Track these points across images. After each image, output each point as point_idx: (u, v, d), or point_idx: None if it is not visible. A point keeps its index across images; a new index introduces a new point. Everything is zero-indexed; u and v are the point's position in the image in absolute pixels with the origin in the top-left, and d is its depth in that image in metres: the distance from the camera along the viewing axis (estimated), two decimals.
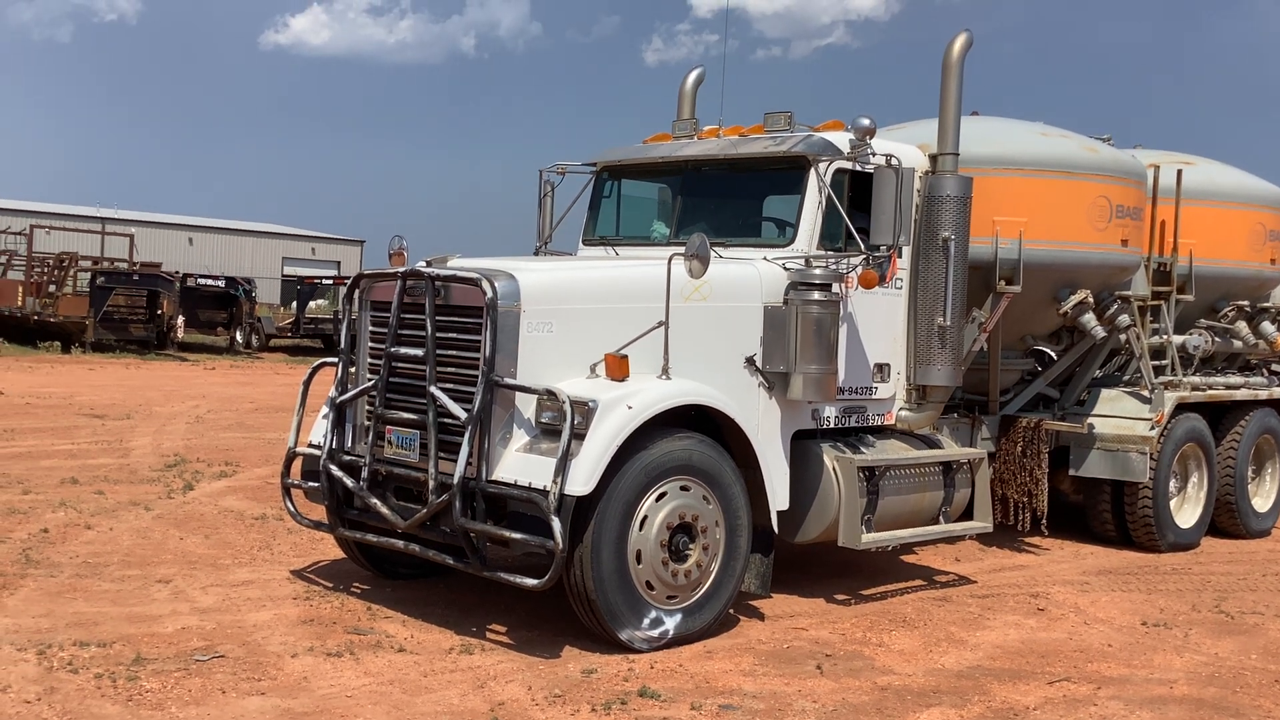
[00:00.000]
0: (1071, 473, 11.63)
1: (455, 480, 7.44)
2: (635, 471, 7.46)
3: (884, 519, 9.11)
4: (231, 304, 39.97)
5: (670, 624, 7.72)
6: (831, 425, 9.03)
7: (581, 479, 7.20)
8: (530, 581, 7.31)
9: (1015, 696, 7.26)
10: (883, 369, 9.30)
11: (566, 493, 7.17)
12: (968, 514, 9.84)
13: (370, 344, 8.39)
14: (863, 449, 9.09)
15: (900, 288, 9.37)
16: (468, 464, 7.47)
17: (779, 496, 8.51)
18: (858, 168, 8.86)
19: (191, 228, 72.87)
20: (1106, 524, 11.80)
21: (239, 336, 39.88)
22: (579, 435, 7.28)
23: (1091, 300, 10.71)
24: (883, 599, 9.47)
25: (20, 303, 36.08)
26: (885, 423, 9.48)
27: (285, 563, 9.57)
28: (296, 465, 8.90)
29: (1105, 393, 11.85)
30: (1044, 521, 11.11)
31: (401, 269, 8.14)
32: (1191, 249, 12.26)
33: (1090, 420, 11.49)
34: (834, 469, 8.77)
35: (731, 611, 8.42)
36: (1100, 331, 10.81)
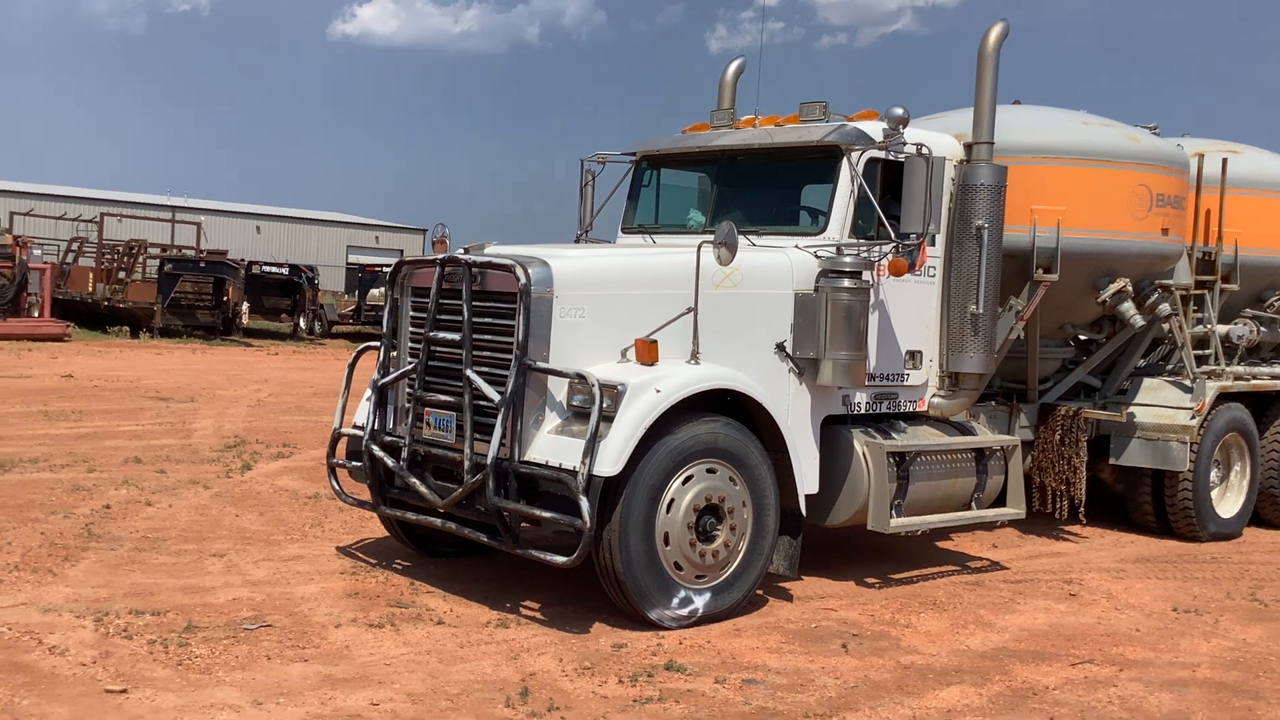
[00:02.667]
0: (1112, 461, 11.65)
1: (489, 460, 7.67)
2: (663, 454, 7.65)
3: (914, 504, 9.23)
4: (295, 291, 40.53)
5: (699, 603, 7.91)
6: (862, 411, 9.16)
7: (610, 460, 7.40)
8: (560, 559, 7.53)
9: (1036, 676, 7.39)
10: (915, 356, 9.41)
11: (595, 473, 7.37)
12: (1001, 501, 9.92)
13: (411, 329, 8.64)
14: (894, 435, 9.21)
15: (934, 276, 9.46)
16: (501, 445, 7.70)
17: (807, 480, 8.66)
18: (890, 157, 8.96)
19: (258, 216, 73.92)
20: (1147, 513, 11.82)
21: (302, 323, 40.43)
22: (608, 418, 7.48)
23: (1130, 289, 10.72)
24: (915, 583, 9.60)
25: (91, 289, 36.94)
26: (918, 409, 9.59)
27: (335, 540, 9.88)
28: (342, 446, 9.17)
29: (1147, 382, 11.86)
30: (1082, 510, 11.16)
31: (441, 256, 8.38)
32: (1237, 238, 12.23)
33: (1131, 409, 11.51)
34: (864, 454, 8.91)
35: (761, 592, 8.62)
36: (1139, 320, 10.83)
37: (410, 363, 8.52)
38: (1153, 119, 11.62)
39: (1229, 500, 12.05)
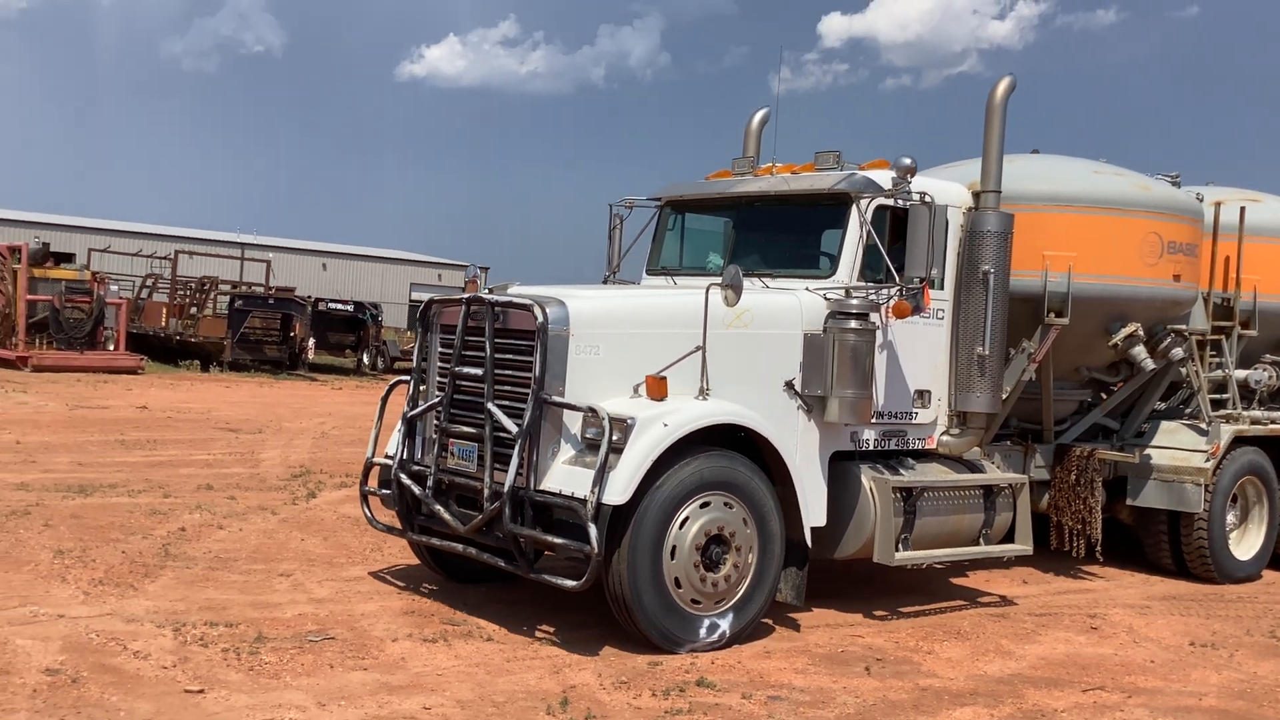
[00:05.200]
0: (1129, 502, 11.89)
1: (506, 489, 8.14)
2: (670, 485, 8.08)
3: (921, 538, 9.57)
4: (359, 328, 41.39)
5: (703, 629, 8.31)
6: (871, 448, 9.53)
7: (618, 490, 7.84)
8: (570, 583, 7.97)
9: (1047, 700, 7.80)
10: (924, 395, 9.77)
11: (604, 502, 7.82)
12: (1010, 537, 10.23)
13: (439, 364, 9.15)
14: (902, 471, 9.57)
15: (942, 318, 9.84)
16: (518, 474, 8.17)
17: (813, 512, 9.04)
18: (899, 204, 9.37)
19: (325, 254, 75.33)
20: (1163, 554, 12.03)
21: (365, 359, 41.30)
22: (617, 450, 7.93)
23: (1142, 333, 11.01)
24: (941, 614, 10.01)
25: (164, 324, 38.19)
26: (927, 447, 9.94)
27: (394, 563, 10.47)
28: (374, 475, 9.70)
29: (1165, 424, 12.11)
30: (1098, 549, 11.41)
31: (467, 296, 8.90)
32: (1256, 284, 12.46)
33: (1147, 451, 11.76)
34: (870, 489, 9.28)
35: (795, 618, 9.26)
36: (1150, 364, 11.10)
37: (437, 396, 9.03)
38: (1222, 164, 11.90)
39: (1247, 543, 12.23)
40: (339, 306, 41.97)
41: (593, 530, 7.74)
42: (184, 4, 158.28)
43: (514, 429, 8.22)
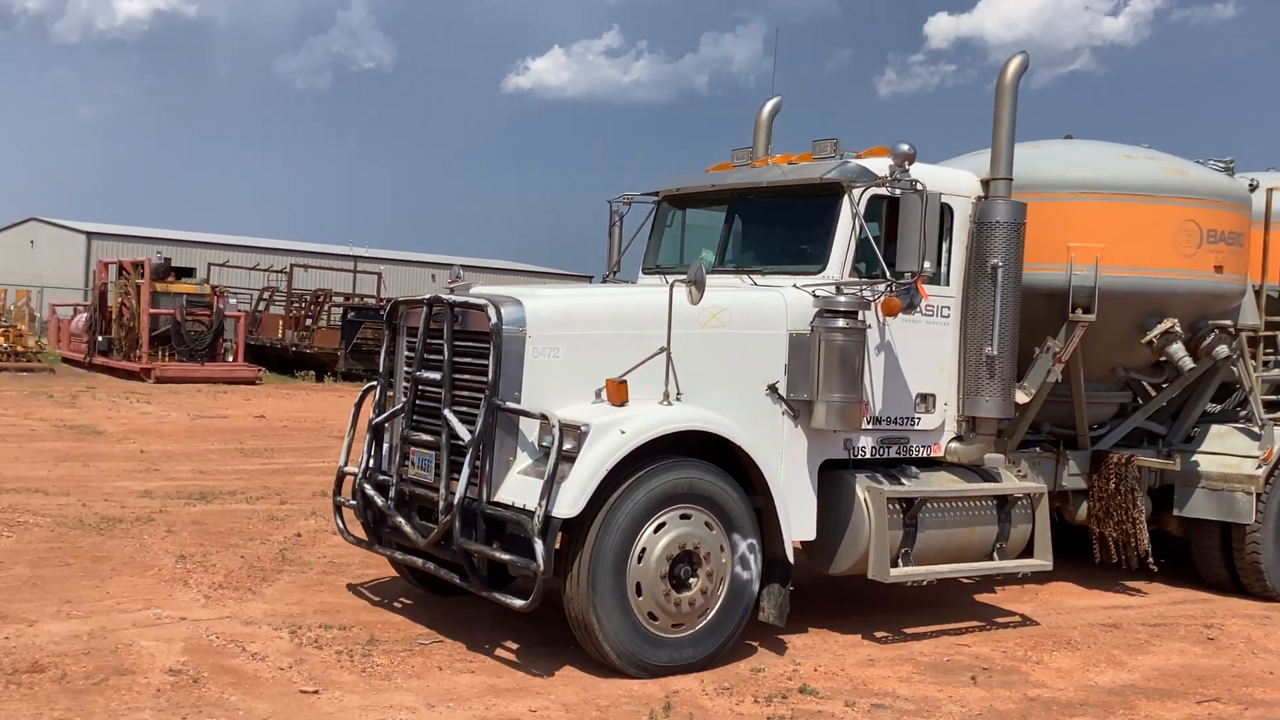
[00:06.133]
0: (1175, 513, 11.04)
1: (456, 501, 7.66)
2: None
3: (925, 553, 8.87)
4: None
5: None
6: (867, 456, 8.86)
7: (568, 502, 7.30)
8: (518, 603, 7.46)
9: (1160, 712, 7.57)
10: (927, 399, 9.08)
11: (554, 515, 7.29)
12: (1030, 552, 9.48)
13: (405, 368, 8.71)
14: (903, 480, 8.89)
15: (948, 316, 9.14)
16: (472, 484, 7.69)
17: (799, 526, 8.41)
18: (895, 193, 8.70)
19: (433, 265, 75.62)
20: (1215, 569, 11.14)
21: None
22: (570, 459, 7.40)
23: (1179, 330, 10.16)
24: (1053, 623, 9.70)
25: (280, 335, 39.01)
26: (933, 454, 9.23)
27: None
28: (348, 484, 9.29)
29: (1215, 428, 11.22)
30: (1150, 560, 10.57)
31: (427, 296, 8.44)
32: None
33: (1195, 457, 10.91)
34: (865, 500, 8.62)
35: (904, 630, 9.11)
36: (1188, 363, 10.24)
37: (402, 402, 8.58)
38: None
39: None
40: None
41: (539, 546, 7.22)
42: (297, 23, 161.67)
43: (467, 437, 7.74)
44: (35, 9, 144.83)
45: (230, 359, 35.01)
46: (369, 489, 8.63)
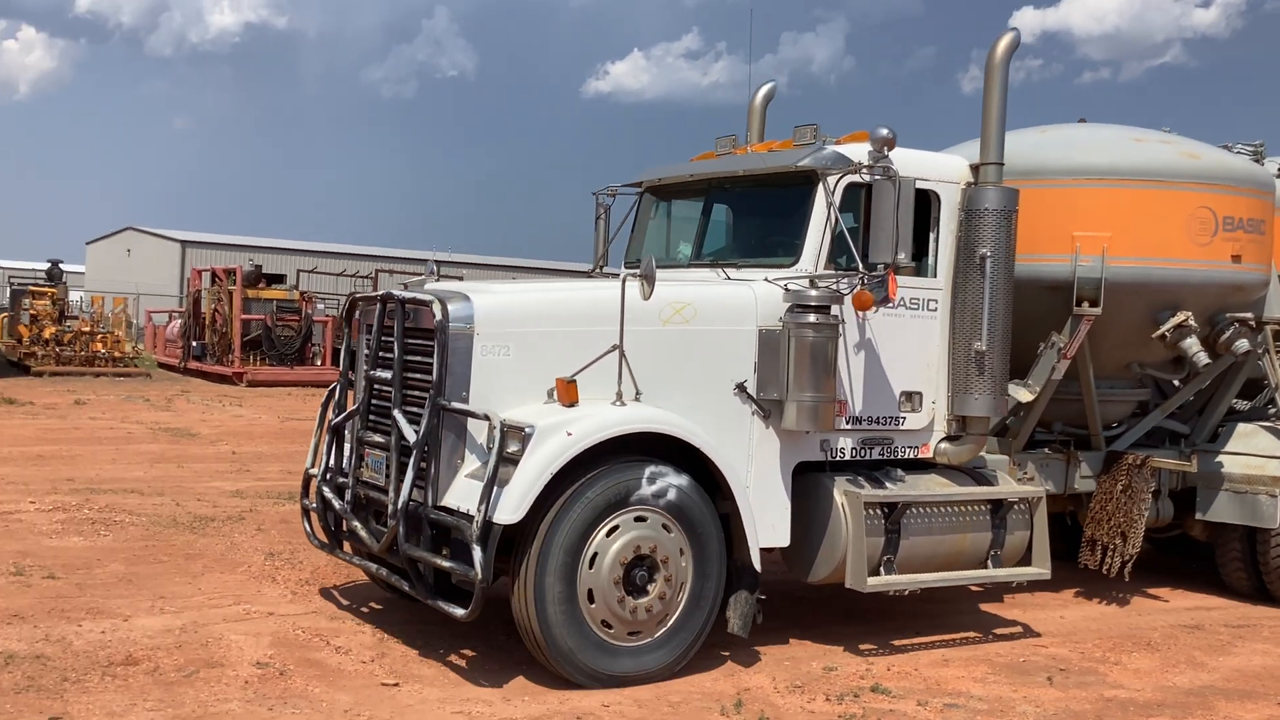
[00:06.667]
0: (1198, 516, 10.45)
1: (400, 505, 7.36)
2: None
3: (910, 560, 8.40)
4: None
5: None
6: (847, 458, 8.41)
7: (510, 507, 6.96)
8: (459, 611, 7.15)
9: (1239, 713, 7.47)
10: (913, 398, 8.60)
11: (494, 520, 6.96)
12: (1028, 560, 8.96)
13: (364, 367, 8.42)
14: (887, 484, 8.42)
15: (935, 309, 8.65)
16: (416, 487, 7.39)
17: (773, 531, 8.00)
18: (864, 179, 8.19)
19: (514, 269, 75.72)
20: (1238, 574, 10.54)
21: None
22: (515, 461, 7.06)
23: (1193, 323, 9.56)
24: (1133, 624, 9.60)
25: None
26: (921, 456, 8.75)
27: None
28: (313, 487, 9.00)
29: (1240, 427, 10.58)
30: (1127, 568, 9.95)
31: (381, 293, 8.14)
32: None
33: (1218, 458, 10.31)
34: (842, 505, 8.18)
35: (976, 633, 9.04)
36: (1203, 358, 9.63)
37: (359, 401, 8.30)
38: None
39: None
40: None
41: (477, 552, 6.89)
42: (383, 33, 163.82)
43: (412, 438, 7.43)
44: (130, 23, 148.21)
45: (319, 363, 35.57)
46: (327, 492, 8.37)
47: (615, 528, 7.30)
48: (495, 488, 6.99)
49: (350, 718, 6.64)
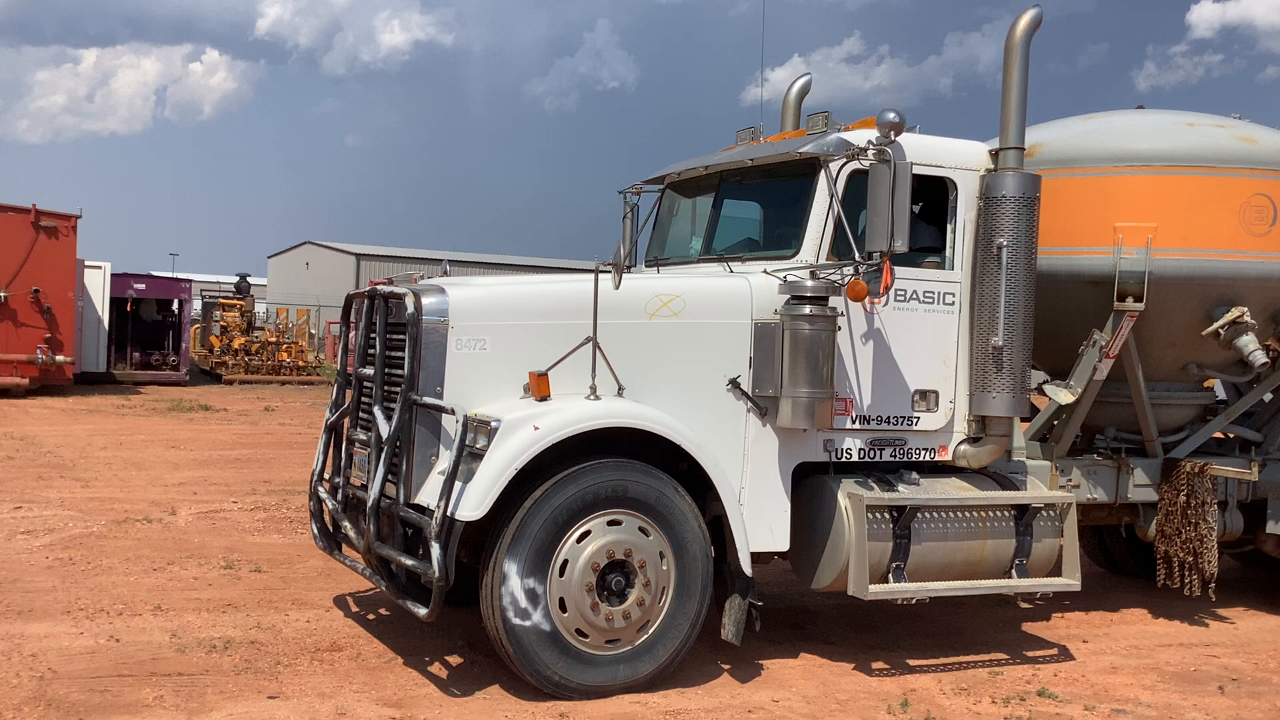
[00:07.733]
0: (1269, 530, 9.70)
1: (370, 502, 7.20)
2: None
3: (922, 568, 7.92)
4: None
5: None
6: (855, 458, 7.97)
7: (472, 504, 6.73)
8: (421, 611, 6.93)
9: None
10: (928, 397, 8.12)
11: (456, 517, 6.73)
12: (1058, 570, 8.40)
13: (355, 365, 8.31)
14: (899, 486, 7.96)
15: (952, 303, 8.16)
16: (389, 483, 7.22)
17: (767, 535, 7.62)
18: (863, 165, 7.76)
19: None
20: None
21: None
22: (478, 455, 6.83)
23: (1249, 319, 8.86)
24: None
25: None
26: (939, 458, 8.26)
27: None
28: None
29: None
30: (1212, 587, 9.28)
31: (368, 289, 8.02)
32: None
33: None
34: (845, 507, 7.75)
35: (1140, 645, 8.92)
36: (1260, 357, 8.89)
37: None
38: None
39: None
40: None
41: (435, 550, 6.67)
42: (545, 47, 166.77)
43: (385, 434, 7.27)
44: (306, 44, 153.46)
45: None
46: (321, 492, 8.27)
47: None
48: (457, 483, 6.77)
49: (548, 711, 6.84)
